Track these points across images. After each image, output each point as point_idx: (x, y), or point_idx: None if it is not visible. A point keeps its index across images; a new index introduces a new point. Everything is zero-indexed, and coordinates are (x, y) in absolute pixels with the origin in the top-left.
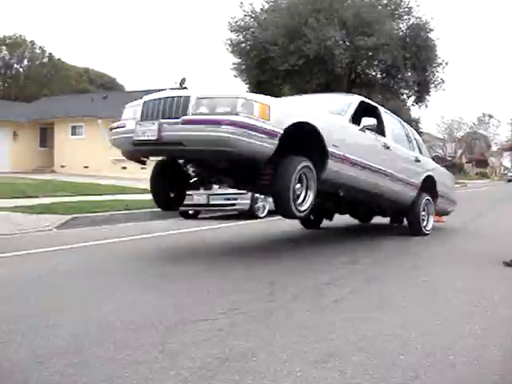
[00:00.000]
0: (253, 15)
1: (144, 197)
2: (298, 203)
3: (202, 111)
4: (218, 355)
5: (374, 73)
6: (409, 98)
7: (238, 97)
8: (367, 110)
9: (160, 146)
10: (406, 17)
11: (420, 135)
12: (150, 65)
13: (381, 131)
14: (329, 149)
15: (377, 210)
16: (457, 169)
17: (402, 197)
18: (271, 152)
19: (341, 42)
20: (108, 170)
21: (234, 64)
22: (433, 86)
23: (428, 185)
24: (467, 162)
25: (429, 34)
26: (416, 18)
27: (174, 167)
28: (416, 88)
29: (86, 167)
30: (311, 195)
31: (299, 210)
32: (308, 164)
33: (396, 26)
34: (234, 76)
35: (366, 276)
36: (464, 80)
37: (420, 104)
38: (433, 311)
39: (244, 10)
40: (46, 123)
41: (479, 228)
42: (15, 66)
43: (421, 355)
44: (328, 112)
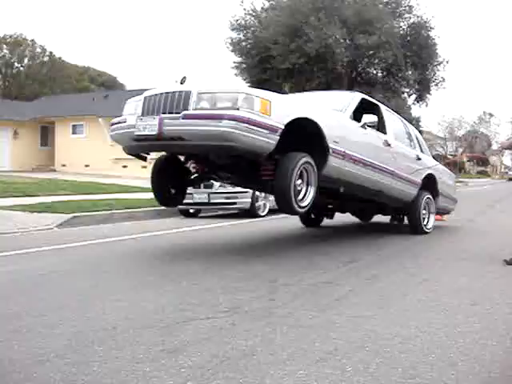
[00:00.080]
0: (253, 14)
1: (144, 196)
2: (298, 199)
3: (203, 106)
4: (218, 354)
5: (374, 71)
6: (409, 96)
7: (238, 92)
8: (368, 107)
9: (161, 140)
10: (407, 15)
11: (421, 134)
12: (150, 64)
13: (382, 128)
14: (329, 145)
15: (377, 209)
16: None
17: (403, 194)
18: (272, 147)
19: (341, 41)
20: (109, 168)
21: (234, 63)
22: (433, 84)
23: (429, 183)
24: (468, 161)
25: (429, 32)
26: (417, 16)
27: (174, 163)
28: (417, 86)
29: (87, 166)
30: (312, 191)
31: (300, 206)
32: (309, 160)
33: (397, 25)
34: (235, 75)
35: (366, 275)
36: (465, 78)
37: (421, 103)
38: (433, 310)
39: (245, 9)
40: (47, 122)
41: (480, 227)
42: (16, 64)
43: (421, 354)
44: (329, 109)
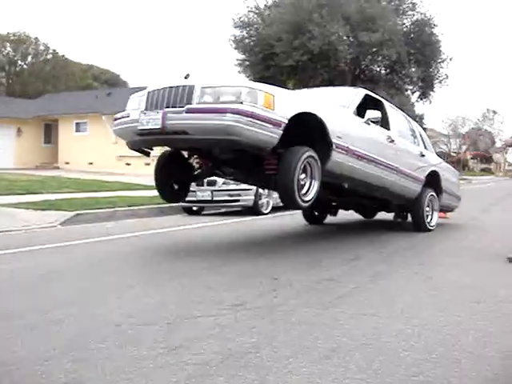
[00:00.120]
0: (257, 11)
1: (147, 193)
2: (302, 193)
3: (207, 100)
4: (221, 351)
5: (378, 69)
6: (413, 93)
7: (242, 86)
8: (372, 104)
9: (164, 135)
10: (410, 12)
11: (424, 131)
12: (153, 61)
13: (385, 124)
14: (333, 140)
15: (380, 206)
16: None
17: (406, 191)
18: (276, 141)
19: (345, 38)
20: (112, 166)
21: (238, 60)
22: (437, 81)
23: (432, 180)
24: (471, 158)
25: (433, 29)
26: (420, 13)
27: (178, 159)
28: (420, 84)
29: (91, 164)
30: (316, 185)
31: (303, 200)
32: (312, 154)
33: (400, 22)
34: (238, 72)
35: (369, 272)
36: (468, 76)
37: (424, 100)
38: (437, 307)
39: (248, 6)
40: (50, 120)
41: (483, 224)
42: (19, 62)
43: (425, 351)
44: (333, 104)
